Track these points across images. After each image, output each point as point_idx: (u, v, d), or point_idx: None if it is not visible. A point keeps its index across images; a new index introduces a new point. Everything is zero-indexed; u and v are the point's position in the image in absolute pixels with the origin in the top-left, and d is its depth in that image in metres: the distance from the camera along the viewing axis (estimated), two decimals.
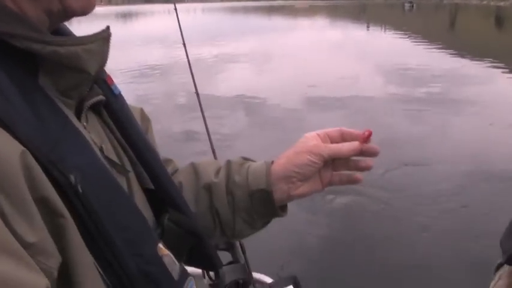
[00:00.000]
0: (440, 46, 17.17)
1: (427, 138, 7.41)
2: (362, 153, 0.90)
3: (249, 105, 9.50)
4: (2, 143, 0.52)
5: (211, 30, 24.85)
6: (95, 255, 0.59)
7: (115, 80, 0.86)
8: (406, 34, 21.90)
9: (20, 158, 0.52)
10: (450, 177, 5.94)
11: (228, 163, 0.99)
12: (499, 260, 1.33)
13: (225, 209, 0.96)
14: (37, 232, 0.51)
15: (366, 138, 0.88)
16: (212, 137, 1.70)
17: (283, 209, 0.97)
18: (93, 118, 0.79)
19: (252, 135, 7.66)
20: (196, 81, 2.03)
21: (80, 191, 0.57)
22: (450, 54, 15.46)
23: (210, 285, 1.14)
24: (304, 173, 0.92)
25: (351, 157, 0.92)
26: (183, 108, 8.97)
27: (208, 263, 0.93)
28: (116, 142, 0.82)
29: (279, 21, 30.29)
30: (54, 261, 0.53)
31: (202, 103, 2.06)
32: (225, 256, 1.21)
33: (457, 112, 8.83)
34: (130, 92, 11.42)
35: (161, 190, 0.85)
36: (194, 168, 1.01)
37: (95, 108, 0.80)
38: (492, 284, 1.35)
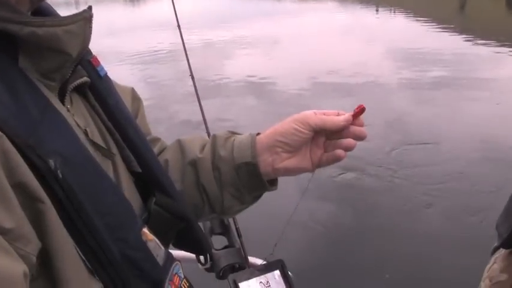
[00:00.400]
0: (450, 29, 16.95)
1: (435, 120, 7.39)
2: (355, 122, 0.88)
3: (258, 90, 9.47)
4: None
5: (221, 15, 24.68)
6: (76, 240, 0.58)
7: (123, 64, 0.84)
8: (416, 17, 21.64)
9: None
10: (458, 157, 5.95)
11: (214, 137, 0.96)
12: (495, 244, 1.34)
13: (212, 184, 0.93)
14: (14, 218, 0.50)
15: (358, 112, 0.87)
16: (220, 122, 1.70)
17: (272, 182, 0.95)
18: (78, 101, 0.77)
19: (260, 120, 7.65)
20: (206, 65, 2.02)
21: (60, 175, 0.56)
22: (461, 36, 15.26)
23: (205, 269, 1.15)
24: (289, 142, 0.88)
25: (341, 129, 0.88)
26: (190, 93, 8.95)
27: (197, 247, 0.92)
28: (101, 125, 0.80)
29: (288, 5, 29.97)
30: (33, 247, 0.53)
31: (211, 87, 2.04)
32: (220, 240, 1.22)
33: (467, 94, 8.77)
34: (138, 75, 11.45)
35: (148, 173, 0.83)
36: (180, 145, 0.98)
37: (80, 91, 0.78)
38: (488, 267, 1.36)
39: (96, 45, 0.92)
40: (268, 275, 0.94)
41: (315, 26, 19.76)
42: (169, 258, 0.76)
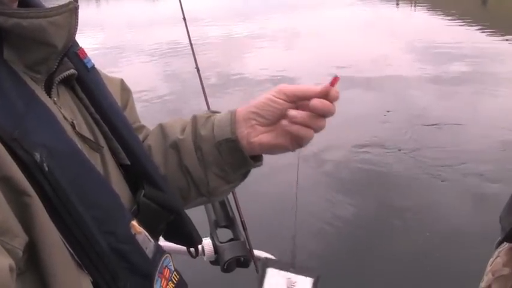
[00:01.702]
0: (472, 23, 16.71)
1: (455, 113, 7.37)
2: (327, 96, 0.81)
3: (278, 83, 9.45)
4: None
5: (240, 9, 24.66)
6: (64, 234, 0.58)
7: (142, 57, 0.82)
8: (437, 11, 21.35)
9: None
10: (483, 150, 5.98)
11: (194, 118, 0.93)
12: (499, 238, 1.35)
13: (195, 166, 0.90)
14: (0, 212, 0.50)
15: (334, 82, 0.82)
16: None
17: (257, 158, 0.90)
18: (65, 93, 0.76)
19: None
20: (225, 59, 2.02)
21: (46, 168, 0.56)
22: (482, 31, 15.03)
23: (210, 262, 1.15)
24: (263, 114, 0.84)
25: (317, 96, 0.80)
26: (212, 87, 9.00)
27: (187, 239, 0.90)
28: (89, 117, 0.79)
29: None
30: (20, 241, 0.52)
31: (230, 81, 2.05)
32: (225, 233, 1.22)
33: (488, 89, 8.68)
34: (157, 68, 11.52)
35: (137, 165, 0.81)
36: (161, 129, 0.95)
37: (68, 83, 0.77)
38: (491, 260, 1.37)
39: (117, 38, 0.93)
40: (300, 277, 0.90)
41: (334, 19, 19.64)
42: (159, 251, 0.75)
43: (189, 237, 0.89)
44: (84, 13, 0.77)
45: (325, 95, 0.81)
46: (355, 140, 6.46)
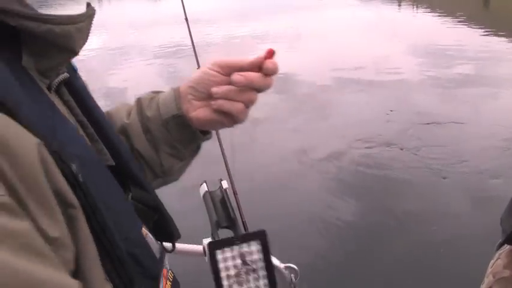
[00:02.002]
0: (474, 24, 16.70)
1: (457, 114, 7.41)
2: (264, 69, 0.81)
3: (280, 85, 9.46)
4: (18, 135, 0.48)
5: (243, 10, 24.68)
6: (95, 243, 0.57)
7: (145, 58, 0.81)
8: (439, 12, 21.35)
9: (37, 150, 0.49)
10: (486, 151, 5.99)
11: (138, 100, 0.93)
12: (500, 240, 1.35)
13: (146, 148, 0.90)
14: (59, 226, 0.50)
15: (268, 54, 0.82)
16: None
17: (206, 132, 0.91)
18: (56, 97, 0.74)
19: (283, 115, 7.67)
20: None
21: (81, 179, 0.55)
22: (485, 32, 15.03)
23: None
24: (198, 88, 0.84)
25: (251, 66, 0.82)
26: None
27: (170, 236, 0.89)
28: (75, 119, 0.77)
29: (309, 0, 29.83)
30: (72, 254, 0.52)
31: None
32: (227, 234, 1.22)
33: (490, 91, 8.69)
34: (159, 68, 11.54)
35: (122, 166, 0.80)
36: (108, 116, 0.93)
37: (58, 86, 0.75)
38: (491, 263, 1.37)
39: (119, 39, 0.93)
40: (249, 245, 0.86)
41: (337, 20, 19.65)
42: (163, 251, 0.76)
43: (170, 234, 0.89)
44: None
45: (257, 66, 0.81)
46: (359, 138, 6.50)
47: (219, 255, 0.81)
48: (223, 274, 0.80)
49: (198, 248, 1.01)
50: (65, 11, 0.58)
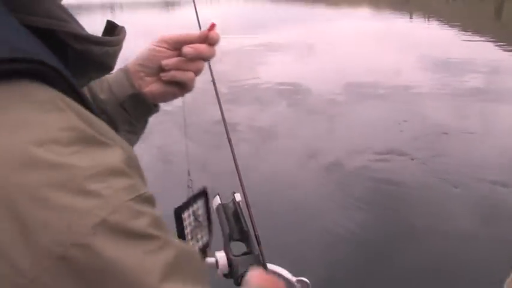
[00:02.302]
0: (486, 36, 16.66)
1: (467, 127, 7.38)
2: (209, 39, 0.87)
3: (292, 95, 9.47)
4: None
5: (252, 19, 24.81)
6: None
7: None
8: (450, 24, 21.32)
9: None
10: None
11: (88, 87, 0.92)
12: None
13: None
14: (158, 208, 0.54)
15: (211, 27, 0.88)
16: (253, 126, 1.70)
17: (155, 105, 0.94)
18: None
19: (293, 125, 7.67)
20: (240, 69, 2.03)
21: None
22: (496, 45, 14.98)
23: (224, 275, 1.16)
24: (148, 64, 0.88)
25: (196, 41, 0.87)
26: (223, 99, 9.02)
27: None
28: None
29: (321, 11, 29.91)
30: None
31: (245, 91, 2.05)
32: (239, 247, 1.22)
33: (503, 102, 8.67)
34: None
35: None
36: None
37: None
38: (508, 280, 1.36)
39: (133, 48, 0.95)
40: (195, 205, 1.07)
41: (349, 31, 19.68)
42: None
43: None
44: (100, 22, 0.79)
45: (204, 39, 0.87)
46: (371, 147, 6.49)
47: (184, 215, 1.03)
48: (187, 231, 1.04)
49: (210, 260, 1.02)
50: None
